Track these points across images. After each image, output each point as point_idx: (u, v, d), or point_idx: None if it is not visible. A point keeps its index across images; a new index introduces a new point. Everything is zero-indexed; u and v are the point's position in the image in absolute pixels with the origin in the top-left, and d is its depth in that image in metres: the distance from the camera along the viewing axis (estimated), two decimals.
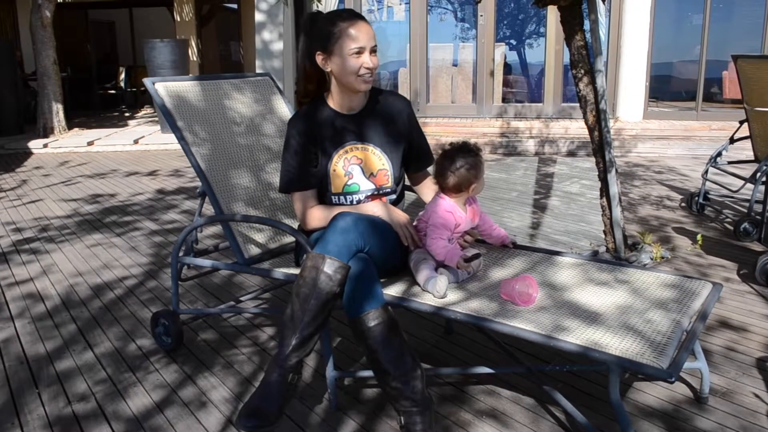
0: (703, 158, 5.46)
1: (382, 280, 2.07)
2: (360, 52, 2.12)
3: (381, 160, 2.27)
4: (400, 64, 9.33)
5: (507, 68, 9.39)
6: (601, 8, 3.10)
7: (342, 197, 2.26)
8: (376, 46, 2.16)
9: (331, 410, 2.13)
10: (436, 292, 1.99)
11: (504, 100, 9.07)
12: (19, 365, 2.52)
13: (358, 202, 2.26)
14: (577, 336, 1.75)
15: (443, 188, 2.17)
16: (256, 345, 2.65)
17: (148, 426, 2.08)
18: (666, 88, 9.39)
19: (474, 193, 2.20)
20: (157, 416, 2.13)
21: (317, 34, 2.17)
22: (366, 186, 2.26)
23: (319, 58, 2.18)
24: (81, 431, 2.06)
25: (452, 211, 2.15)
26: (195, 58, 12.11)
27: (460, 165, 2.13)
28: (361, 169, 2.26)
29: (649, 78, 8.33)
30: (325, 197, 2.28)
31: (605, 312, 1.91)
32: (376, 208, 2.20)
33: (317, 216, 2.23)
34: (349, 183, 2.25)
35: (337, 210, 2.18)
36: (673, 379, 1.59)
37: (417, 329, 2.75)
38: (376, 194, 2.28)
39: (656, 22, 8.17)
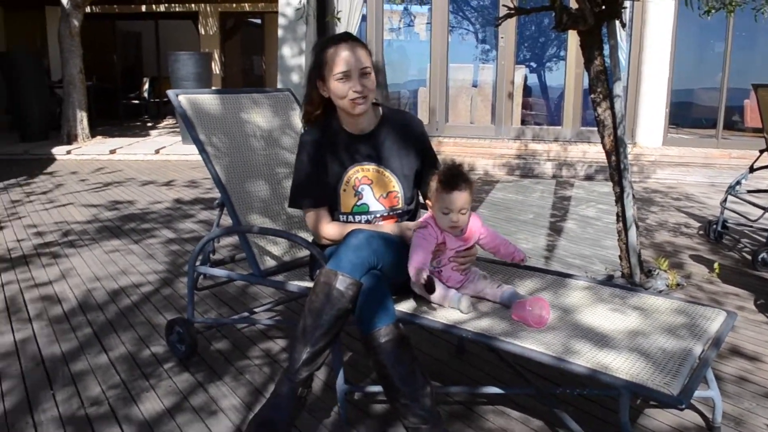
0: (722, 186, 5.43)
1: (393, 297, 2.08)
2: (346, 77, 2.13)
3: (392, 182, 2.28)
4: (420, 83, 9.38)
5: (526, 90, 9.41)
6: (621, 33, 3.13)
7: (351, 217, 2.27)
8: (368, 68, 2.15)
9: (340, 424, 2.14)
10: (463, 309, 2.02)
11: (523, 122, 9.08)
12: (35, 366, 2.55)
13: (368, 222, 2.26)
14: (588, 359, 1.75)
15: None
16: (268, 356, 2.67)
17: (158, 431, 2.10)
18: (686, 114, 9.35)
19: (438, 220, 2.10)
20: (168, 422, 2.15)
21: (314, 60, 2.21)
22: (376, 207, 2.27)
23: (318, 84, 2.22)
24: None
25: (423, 230, 2.10)
26: (218, 71, 12.28)
27: (434, 188, 2.10)
28: (371, 189, 2.26)
29: (670, 104, 8.31)
30: (334, 216, 2.29)
31: (617, 336, 1.91)
32: (389, 229, 2.21)
33: (331, 231, 2.25)
34: (359, 203, 2.26)
35: (351, 227, 2.20)
36: (683, 406, 1.59)
37: (428, 347, 2.75)
38: (387, 215, 2.28)
39: (677, 48, 8.16)
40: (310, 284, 2.25)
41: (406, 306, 2.11)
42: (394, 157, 2.28)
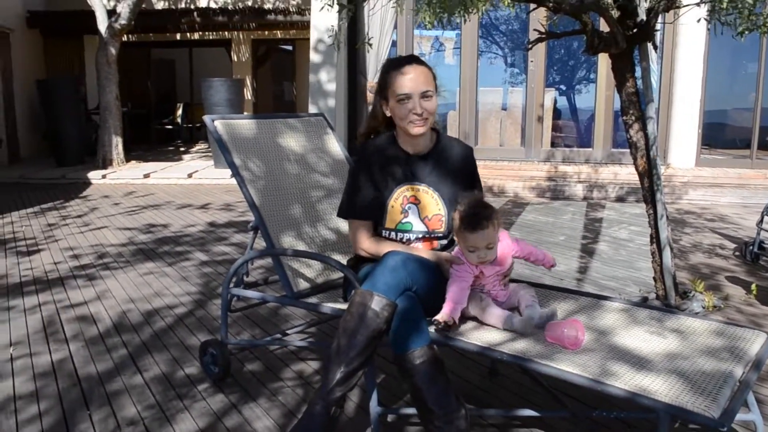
0: (757, 207, 5.34)
1: (427, 319, 2.08)
2: (407, 98, 2.19)
3: (438, 205, 2.30)
4: (450, 107, 9.42)
5: (556, 113, 9.39)
6: (653, 56, 3.12)
7: (393, 233, 2.29)
8: (429, 91, 2.20)
9: None
10: (526, 330, 2.01)
11: (553, 144, 9.05)
12: (71, 386, 2.60)
13: (408, 241, 2.28)
14: (625, 381, 1.72)
15: None
16: (301, 378, 2.67)
17: None
18: (719, 135, 9.23)
19: (466, 257, 2.09)
20: None
21: (379, 81, 2.29)
22: (419, 227, 2.29)
23: (382, 103, 2.28)
24: None
25: (458, 266, 2.10)
26: (250, 97, 12.48)
27: (457, 227, 2.09)
28: (417, 209, 2.29)
29: (702, 125, 8.22)
30: (377, 230, 2.32)
31: (654, 358, 1.88)
32: (426, 254, 2.22)
33: (368, 246, 2.28)
34: (403, 221, 2.28)
35: (388, 245, 2.22)
36: (725, 429, 1.55)
37: (461, 369, 2.73)
38: (428, 237, 2.30)
39: (709, 69, 8.09)
40: (343, 306, 2.27)
41: None
42: (444, 181, 2.32)
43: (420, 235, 2.29)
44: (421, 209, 2.29)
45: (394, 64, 2.25)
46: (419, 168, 2.31)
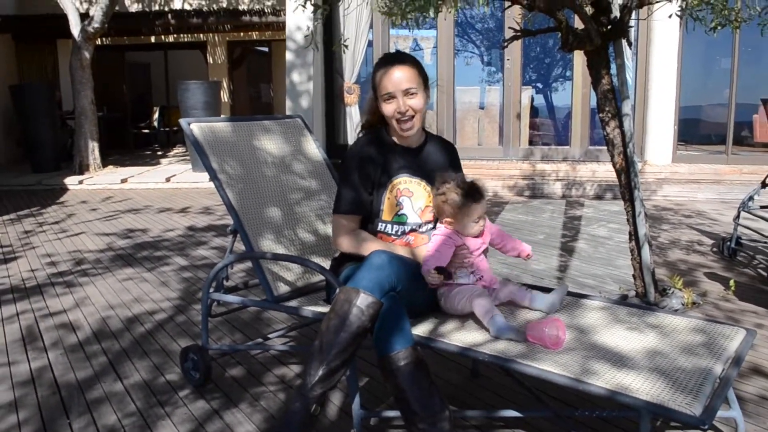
0: (734, 203, 5.41)
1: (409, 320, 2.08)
2: (391, 97, 2.22)
3: (430, 197, 2.33)
4: (428, 106, 9.45)
5: (533, 111, 9.45)
6: (628, 52, 3.15)
7: (389, 225, 2.31)
8: (413, 88, 2.24)
9: None
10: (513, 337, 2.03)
11: (530, 142, 9.10)
12: (51, 394, 2.56)
13: (403, 233, 2.31)
14: (606, 380, 1.73)
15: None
16: (282, 382, 2.66)
17: None
18: (695, 131, 9.35)
19: (465, 230, 2.21)
20: None
21: (371, 78, 2.33)
22: (413, 219, 2.32)
23: (376, 101, 2.32)
24: None
25: (443, 234, 2.20)
26: (226, 99, 12.40)
27: (440, 192, 2.21)
28: (410, 201, 2.31)
29: (678, 121, 8.31)
30: (373, 223, 2.33)
31: (635, 356, 1.89)
32: (404, 252, 2.25)
33: (348, 242, 2.29)
34: (399, 213, 2.31)
35: (368, 243, 2.24)
36: (706, 427, 1.56)
37: (442, 371, 2.73)
38: (417, 228, 2.32)
39: (684, 65, 8.19)
40: (324, 309, 2.26)
41: (421, 329, 2.11)
42: (434, 173, 2.34)
43: (414, 227, 2.31)
44: (414, 201, 2.32)
45: (381, 63, 2.30)
46: (411, 161, 2.35)
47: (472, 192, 2.18)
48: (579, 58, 8.19)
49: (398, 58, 2.29)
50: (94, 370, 2.79)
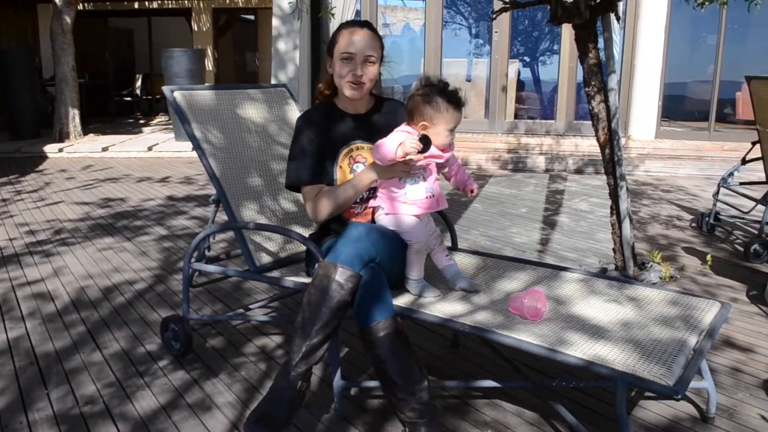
0: (715, 179, 5.45)
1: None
2: (349, 58, 2.20)
3: None
4: (414, 78, 9.38)
5: (520, 84, 9.41)
6: (615, 27, 3.13)
7: None
8: (372, 56, 2.21)
9: (336, 419, 2.14)
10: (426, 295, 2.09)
11: (516, 116, 9.09)
12: (28, 365, 2.54)
13: (362, 199, 2.28)
14: (583, 351, 1.75)
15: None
16: (263, 352, 2.66)
17: (154, 428, 2.09)
18: (679, 107, 9.38)
19: (436, 138, 2.11)
20: (163, 419, 2.15)
21: (331, 38, 2.30)
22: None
23: (328, 61, 2.29)
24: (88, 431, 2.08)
25: (404, 130, 2.13)
26: (211, 68, 12.23)
27: (421, 92, 2.12)
28: (365, 167, 2.29)
29: (662, 97, 8.33)
30: None
31: (612, 328, 1.91)
32: (371, 173, 2.20)
33: (325, 203, 2.24)
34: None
35: (341, 188, 2.23)
36: (679, 397, 1.59)
37: (423, 341, 2.75)
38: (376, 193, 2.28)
39: (670, 41, 8.18)
40: (306, 280, 2.25)
41: (402, 300, 2.11)
42: (385, 136, 2.29)
43: (371, 193, 2.28)
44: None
45: (346, 24, 2.28)
46: (361, 127, 2.33)
47: (457, 99, 2.13)
48: (567, 31, 8.16)
49: (367, 24, 2.29)
50: (72, 339, 2.78)
